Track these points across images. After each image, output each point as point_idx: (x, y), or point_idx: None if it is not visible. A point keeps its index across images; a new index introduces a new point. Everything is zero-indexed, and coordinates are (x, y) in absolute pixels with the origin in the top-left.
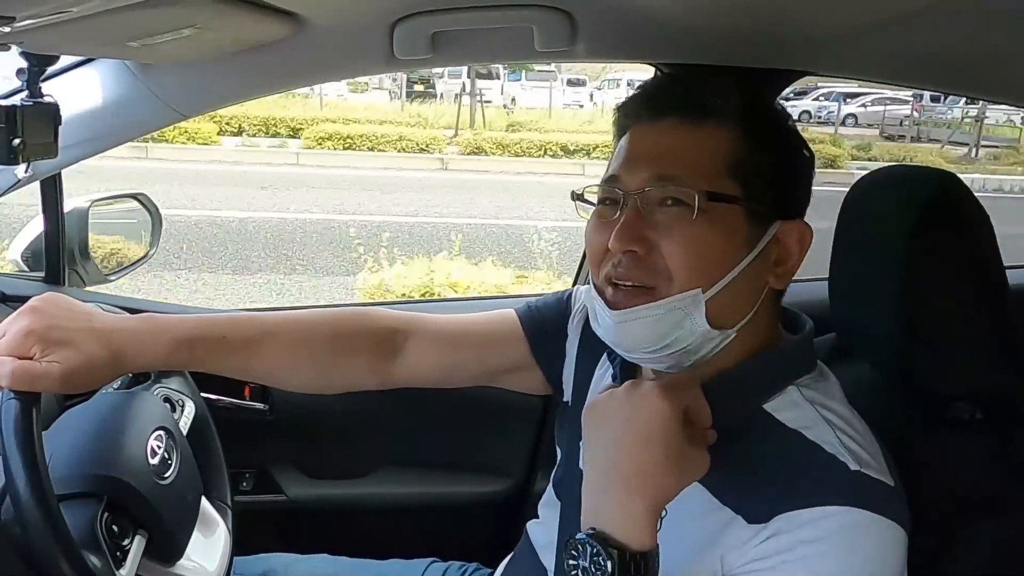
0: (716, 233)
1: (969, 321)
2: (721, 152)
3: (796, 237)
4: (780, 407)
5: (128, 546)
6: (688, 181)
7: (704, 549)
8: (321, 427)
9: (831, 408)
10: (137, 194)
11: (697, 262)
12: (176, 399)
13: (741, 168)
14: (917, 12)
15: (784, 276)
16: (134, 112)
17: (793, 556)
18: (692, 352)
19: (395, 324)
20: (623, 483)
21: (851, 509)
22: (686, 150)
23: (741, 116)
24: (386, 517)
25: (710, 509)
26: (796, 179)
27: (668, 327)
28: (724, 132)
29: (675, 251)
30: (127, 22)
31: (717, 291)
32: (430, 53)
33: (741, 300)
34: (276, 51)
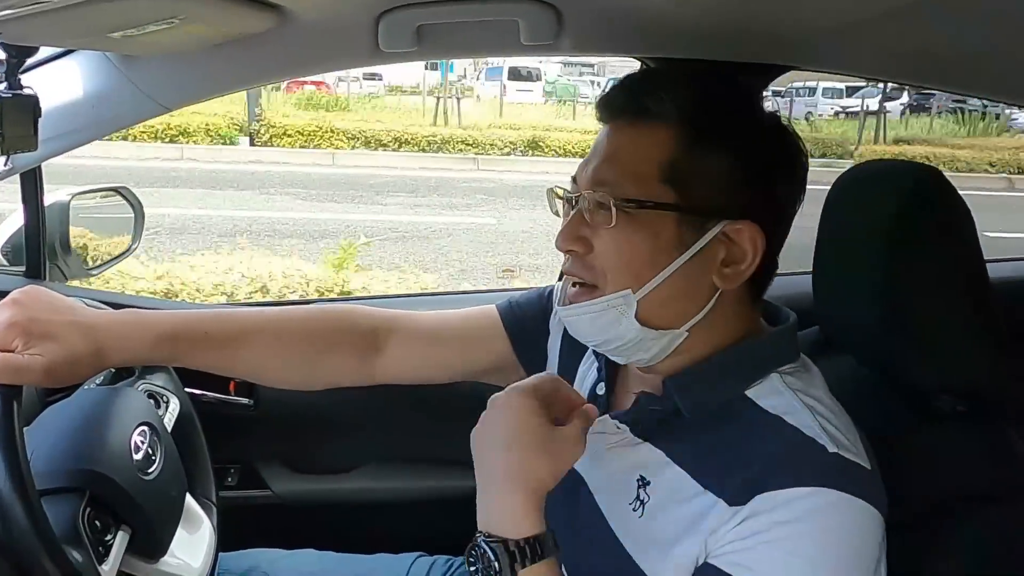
0: (639, 236)
1: (951, 314)
2: (656, 154)
3: (747, 238)
4: (761, 393)
5: (111, 541)
6: (617, 187)
7: (688, 533)
8: (307, 422)
9: (812, 395)
10: (119, 187)
11: (622, 264)
12: (160, 395)
13: (678, 170)
14: (903, 8)
15: (733, 277)
16: (115, 104)
17: (769, 537)
18: (637, 349)
19: (377, 322)
20: (500, 482)
21: (827, 490)
22: (624, 153)
23: (687, 116)
24: (372, 512)
25: (693, 494)
26: (760, 180)
27: (604, 324)
28: (664, 133)
29: (602, 253)
30: (108, 13)
31: (648, 292)
32: (415, 46)
33: (682, 301)
34: (260, 43)
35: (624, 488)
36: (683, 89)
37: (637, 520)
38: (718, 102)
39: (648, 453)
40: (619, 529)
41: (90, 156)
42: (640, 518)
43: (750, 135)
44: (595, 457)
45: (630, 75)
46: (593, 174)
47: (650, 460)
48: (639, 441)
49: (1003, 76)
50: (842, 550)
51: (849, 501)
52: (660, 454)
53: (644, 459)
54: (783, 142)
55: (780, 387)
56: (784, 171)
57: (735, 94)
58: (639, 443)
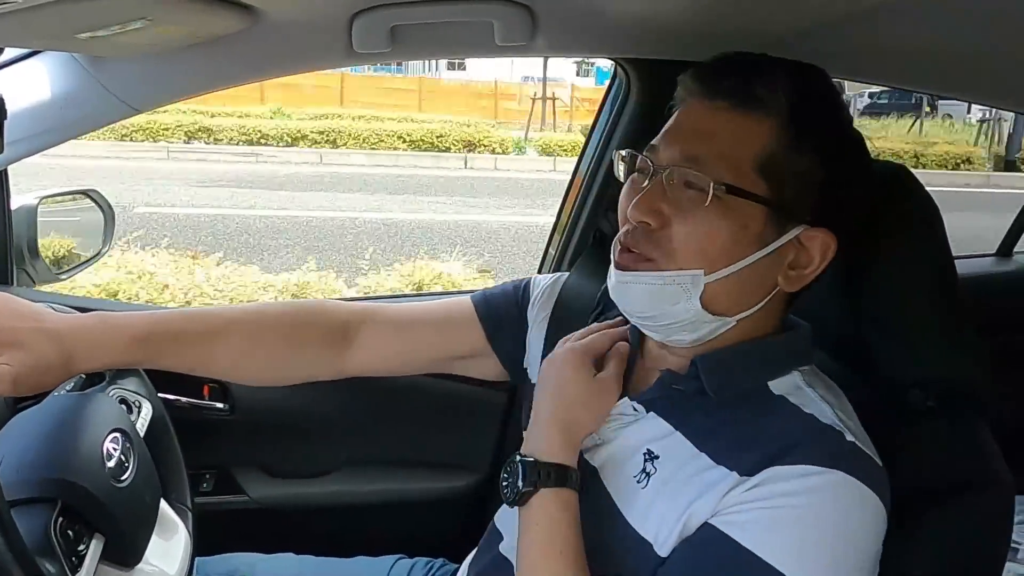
0: (727, 224)
1: (921, 309)
2: (757, 145)
3: (819, 246)
4: (782, 386)
5: (84, 551)
6: (711, 168)
7: (698, 501)
8: (283, 425)
9: (832, 394)
10: (88, 190)
11: (700, 246)
12: (132, 400)
13: (774, 165)
14: (875, 8)
15: (796, 280)
16: (84, 106)
17: (771, 504)
18: (685, 329)
19: (348, 314)
20: (547, 423)
21: (840, 472)
22: (723, 136)
23: (789, 112)
24: (351, 515)
25: (703, 467)
26: (839, 189)
27: (664, 299)
28: (767, 125)
29: (682, 231)
30: (75, 14)
31: (718, 278)
32: (389, 47)
33: (745, 292)
34: (232, 44)
35: (630, 462)
36: (792, 83)
37: (640, 491)
38: (820, 104)
39: (660, 427)
40: (623, 505)
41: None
42: (643, 489)
43: (840, 143)
44: (605, 436)
45: (738, 57)
46: (683, 150)
47: (661, 434)
48: (653, 416)
49: (976, 76)
50: (841, 530)
51: (859, 487)
52: (672, 429)
53: (655, 433)
54: (862, 156)
55: (800, 383)
56: (859, 190)
57: (834, 96)
58: (653, 418)
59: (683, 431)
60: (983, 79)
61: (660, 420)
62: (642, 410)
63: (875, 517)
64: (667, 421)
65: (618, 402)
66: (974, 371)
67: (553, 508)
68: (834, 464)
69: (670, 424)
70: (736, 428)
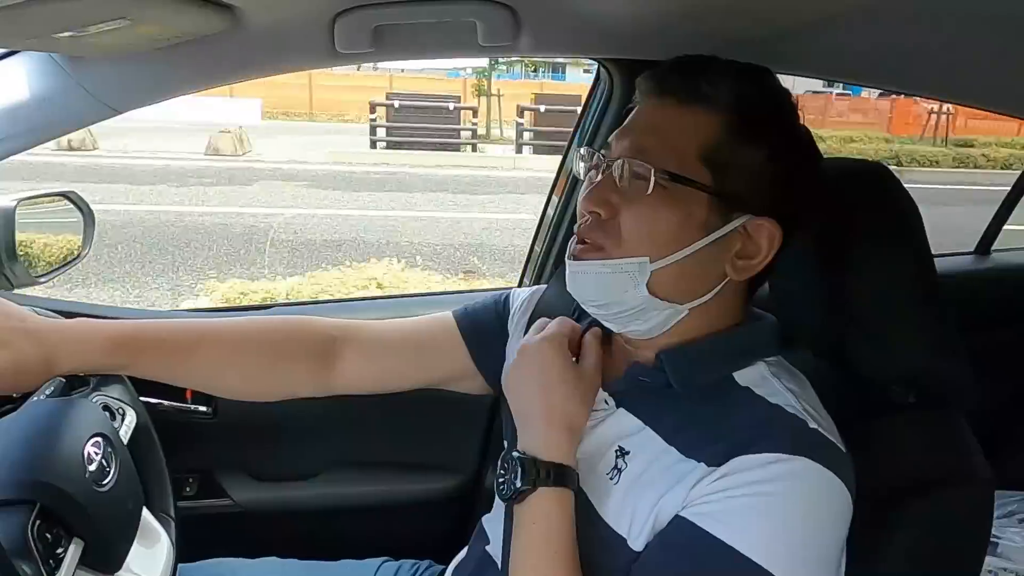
0: (671, 211)
1: (902, 307)
2: (702, 137)
3: (766, 235)
4: (747, 377)
5: (62, 554)
6: (656, 158)
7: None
8: (266, 429)
9: (796, 383)
10: (67, 192)
11: (646, 233)
12: (116, 407)
13: (718, 156)
14: (859, 10)
15: (744, 270)
16: (62, 107)
17: (740, 492)
18: (636, 318)
19: (333, 332)
20: (544, 421)
21: (804, 459)
22: (669, 129)
23: (733, 107)
24: (336, 518)
25: (673, 462)
26: (787, 182)
27: (613, 286)
28: (712, 119)
29: (629, 219)
30: (54, 13)
31: (664, 265)
32: (372, 47)
33: (692, 280)
34: (214, 45)
35: (602, 459)
36: (736, 80)
37: (613, 487)
38: (765, 100)
39: (630, 423)
40: (597, 501)
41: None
42: (616, 485)
43: (786, 138)
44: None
45: (685, 57)
46: (632, 143)
47: (631, 430)
48: (623, 412)
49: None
50: (808, 515)
51: (822, 472)
52: (641, 424)
53: (625, 429)
54: (810, 152)
55: (765, 373)
56: (807, 185)
57: (781, 95)
58: (622, 414)
59: (652, 426)
60: (967, 81)
61: (630, 416)
62: (612, 404)
63: (840, 502)
64: (637, 417)
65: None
66: (954, 367)
67: (551, 508)
68: (798, 451)
69: (639, 420)
70: (704, 421)
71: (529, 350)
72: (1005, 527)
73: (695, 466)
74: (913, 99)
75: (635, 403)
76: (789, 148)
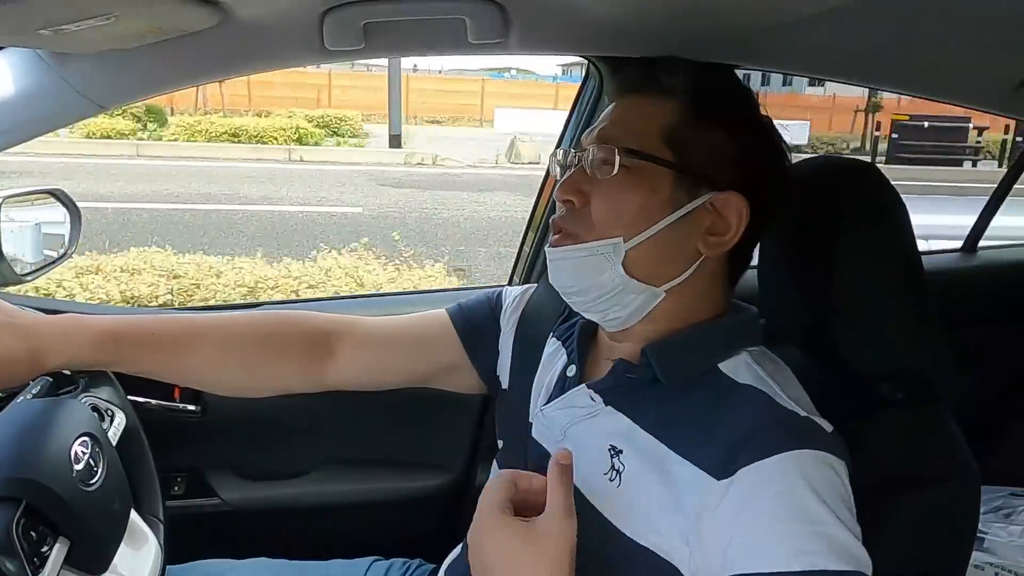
0: (636, 189)
1: (890, 304)
2: (660, 120)
3: (734, 211)
4: (732, 367)
5: (47, 553)
6: (618, 142)
7: (669, 504)
8: (255, 428)
9: (779, 371)
10: (54, 190)
11: (615, 214)
12: (104, 408)
13: (677, 136)
14: (846, 6)
15: (716, 245)
16: (48, 104)
17: (760, 506)
18: (615, 303)
19: (326, 326)
20: None
21: (807, 451)
22: (630, 117)
23: (690, 92)
24: (325, 517)
25: (669, 462)
26: (751, 161)
27: (588, 270)
28: (669, 104)
29: (598, 202)
30: (38, 9)
31: (637, 243)
32: (361, 44)
33: (666, 258)
34: (201, 41)
35: (597, 459)
36: (695, 72)
37: (615, 489)
38: (722, 88)
39: (619, 422)
40: (596, 500)
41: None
42: (617, 487)
43: (746, 124)
44: (566, 432)
45: (644, 57)
46: (599, 135)
47: (621, 429)
48: (611, 411)
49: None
50: (833, 499)
51: (824, 457)
52: (631, 423)
53: (616, 428)
54: (773, 142)
55: (750, 362)
56: (772, 167)
57: (738, 87)
58: (611, 412)
59: (642, 424)
60: (956, 79)
61: (618, 414)
62: (599, 401)
63: (844, 473)
64: (625, 415)
65: (575, 390)
66: (940, 364)
67: None
68: (798, 444)
69: (628, 417)
70: (694, 416)
71: (477, 530)
72: (991, 522)
73: (696, 474)
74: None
75: (622, 400)
76: (749, 129)
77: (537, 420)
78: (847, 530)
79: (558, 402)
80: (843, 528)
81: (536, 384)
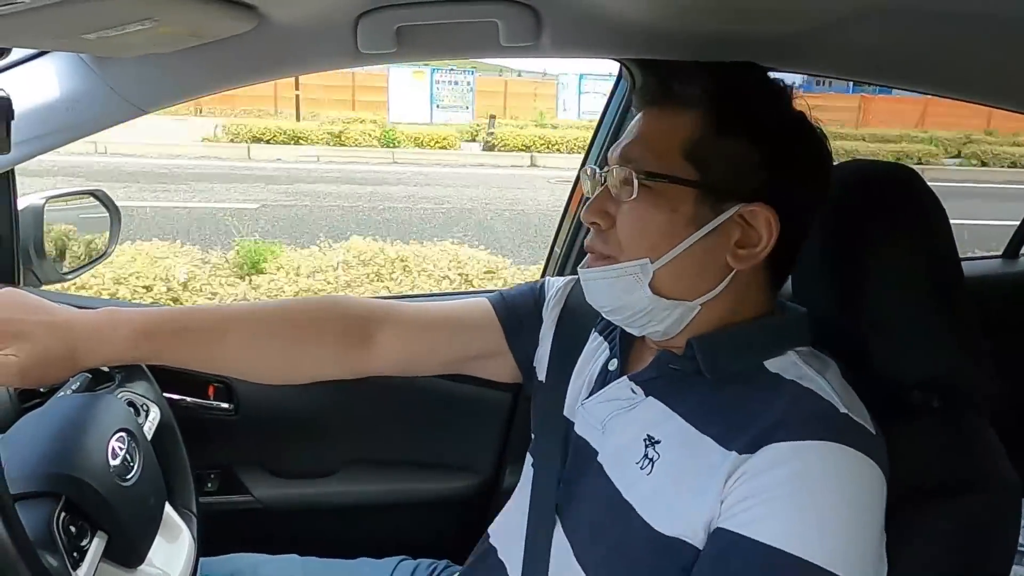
0: (658, 209)
1: (926, 311)
2: (680, 134)
3: (763, 222)
4: (779, 365)
5: (86, 547)
6: (639, 162)
7: (701, 490)
8: (287, 426)
9: (828, 369)
10: (95, 190)
11: (640, 235)
12: (140, 403)
13: (698, 150)
14: (878, 8)
15: (747, 259)
16: (90, 107)
17: (779, 492)
18: (651, 320)
19: (364, 311)
20: None
21: (835, 444)
22: (650, 134)
23: (709, 102)
24: (354, 516)
25: (704, 450)
26: (779, 169)
27: (620, 291)
28: (688, 116)
29: (623, 225)
30: (82, 14)
31: (664, 263)
32: (395, 47)
33: (694, 275)
34: (238, 45)
35: (632, 449)
36: (710, 77)
37: (645, 478)
38: (743, 93)
39: (658, 412)
40: (626, 490)
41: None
42: (648, 476)
43: (772, 126)
44: (606, 424)
45: (661, 63)
46: (621, 153)
47: (660, 418)
48: (652, 401)
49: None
50: (850, 500)
51: (855, 455)
52: (670, 411)
53: (654, 418)
54: (806, 139)
55: (797, 362)
56: (804, 167)
57: (761, 88)
58: (651, 402)
59: (682, 413)
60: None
61: (658, 403)
62: (640, 393)
63: (877, 484)
64: (665, 404)
65: (616, 383)
66: (979, 371)
67: None
68: (830, 436)
69: (668, 407)
70: (735, 408)
71: None
72: None
73: (726, 454)
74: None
75: (664, 391)
76: (775, 132)
77: (579, 414)
78: (857, 533)
79: (599, 395)
80: (851, 529)
81: (576, 378)
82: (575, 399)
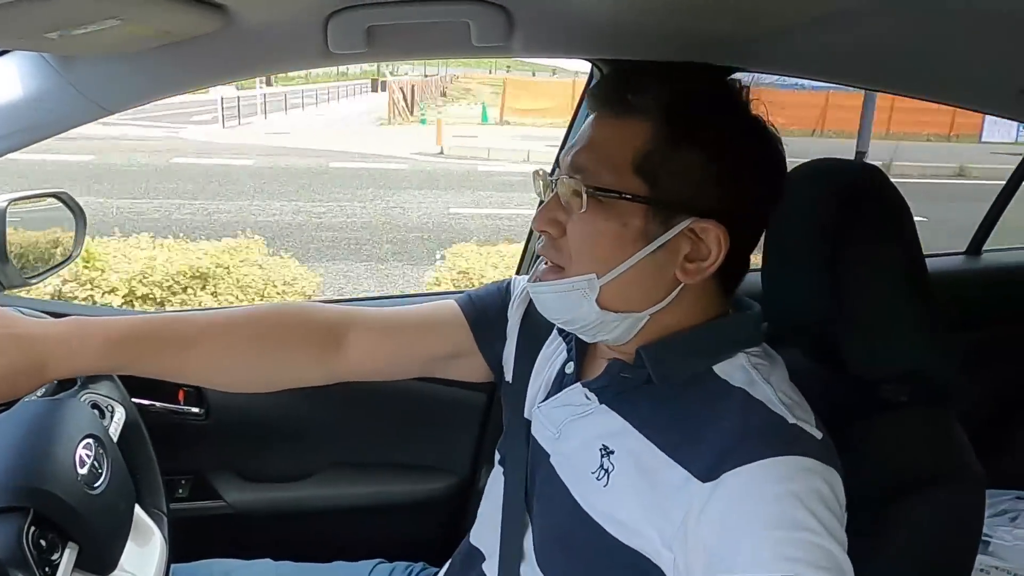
0: (607, 224)
1: (894, 306)
2: (632, 147)
3: (713, 237)
4: (727, 369)
5: (58, 560)
6: (591, 175)
7: (659, 507)
8: (259, 431)
9: (774, 374)
10: (59, 192)
11: (588, 250)
12: (104, 404)
13: (649, 163)
14: (848, 9)
15: (695, 272)
16: (54, 107)
17: (742, 510)
18: (599, 330)
19: (336, 316)
20: None
21: (791, 457)
22: (602, 143)
23: (665, 112)
24: (329, 519)
25: (660, 465)
26: (726, 179)
27: (568, 304)
28: (640, 127)
29: (572, 237)
30: (45, 13)
31: (612, 278)
32: (365, 47)
33: (642, 289)
34: (206, 44)
35: (586, 458)
36: (665, 86)
37: (602, 489)
38: (698, 101)
39: (612, 422)
40: (582, 499)
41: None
42: (605, 487)
43: (727, 135)
44: (561, 429)
45: (618, 69)
46: (572, 160)
47: (614, 429)
48: (605, 409)
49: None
50: (815, 504)
51: (813, 464)
52: (624, 423)
53: (608, 428)
54: (761, 144)
55: (745, 365)
56: (759, 173)
57: (717, 94)
58: (605, 411)
59: (635, 424)
60: (961, 82)
61: (612, 413)
62: (594, 399)
63: (835, 484)
64: (619, 414)
65: (571, 388)
66: (945, 366)
67: None
68: (785, 451)
69: (621, 417)
70: (686, 420)
71: None
72: (996, 526)
73: (686, 478)
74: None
75: (617, 400)
76: (729, 144)
77: (535, 417)
78: (831, 537)
79: (555, 399)
80: (826, 535)
81: (535, 379)
82: (532, 401)
